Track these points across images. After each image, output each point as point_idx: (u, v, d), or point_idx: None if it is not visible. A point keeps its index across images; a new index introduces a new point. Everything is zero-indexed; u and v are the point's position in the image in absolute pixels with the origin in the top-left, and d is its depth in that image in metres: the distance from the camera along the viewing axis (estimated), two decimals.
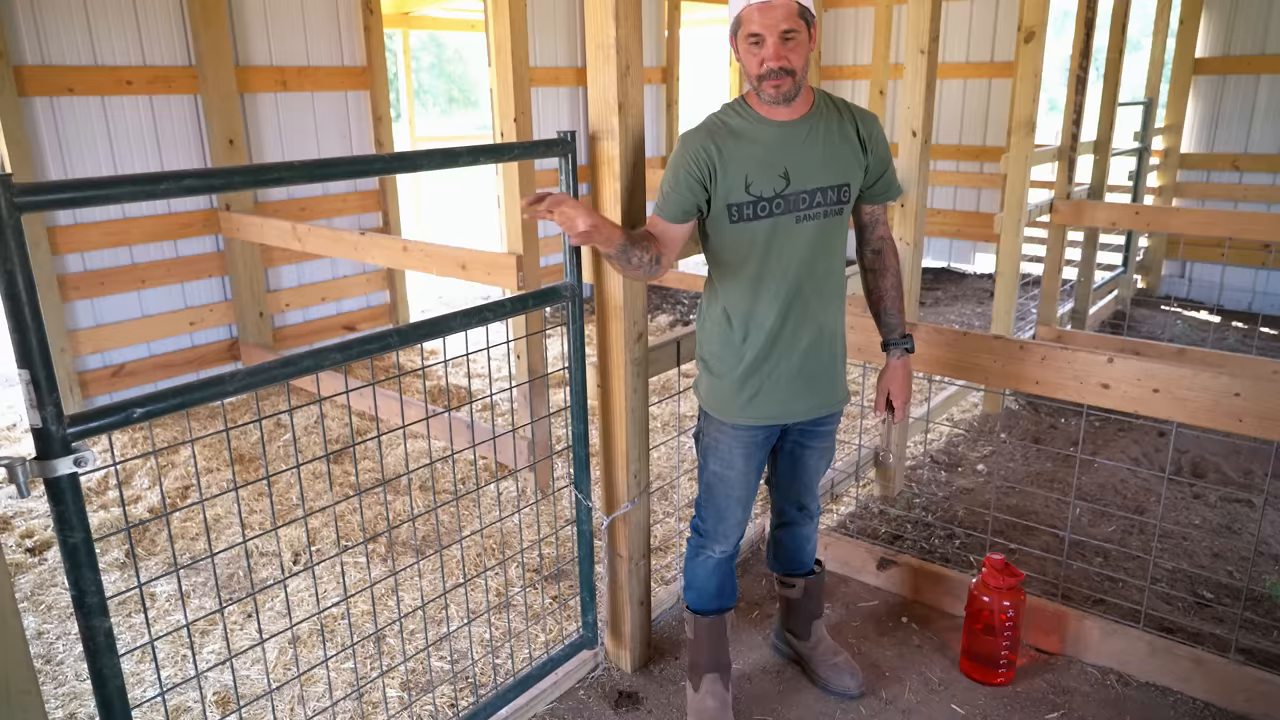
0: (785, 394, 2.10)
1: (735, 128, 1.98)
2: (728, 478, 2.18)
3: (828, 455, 2.32)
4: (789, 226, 1.98)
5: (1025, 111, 4.35)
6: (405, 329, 1.87)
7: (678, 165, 1.98)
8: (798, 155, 1.97)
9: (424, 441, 4.15)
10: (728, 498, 2.20)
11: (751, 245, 2.00)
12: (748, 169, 1.95)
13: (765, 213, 1.97)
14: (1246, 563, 3.11)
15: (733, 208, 1.97)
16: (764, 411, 2.12)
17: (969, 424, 4.44)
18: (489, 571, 2.99)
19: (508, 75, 3.46)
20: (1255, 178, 6.53)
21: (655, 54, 7.36)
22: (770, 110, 1.97)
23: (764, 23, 1.82)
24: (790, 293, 2.03)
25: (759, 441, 2.17)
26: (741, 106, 2.01)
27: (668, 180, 2.00)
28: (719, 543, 2.27)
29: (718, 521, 2.24)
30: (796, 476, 2.33)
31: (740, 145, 1.96)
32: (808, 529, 2.45)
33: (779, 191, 1.96)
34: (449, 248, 3.55)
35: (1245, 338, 5.87)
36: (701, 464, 2.23)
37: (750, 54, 1.88)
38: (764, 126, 1.97)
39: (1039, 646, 2.64)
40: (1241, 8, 6.38)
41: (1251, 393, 2.12)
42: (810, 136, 1.98)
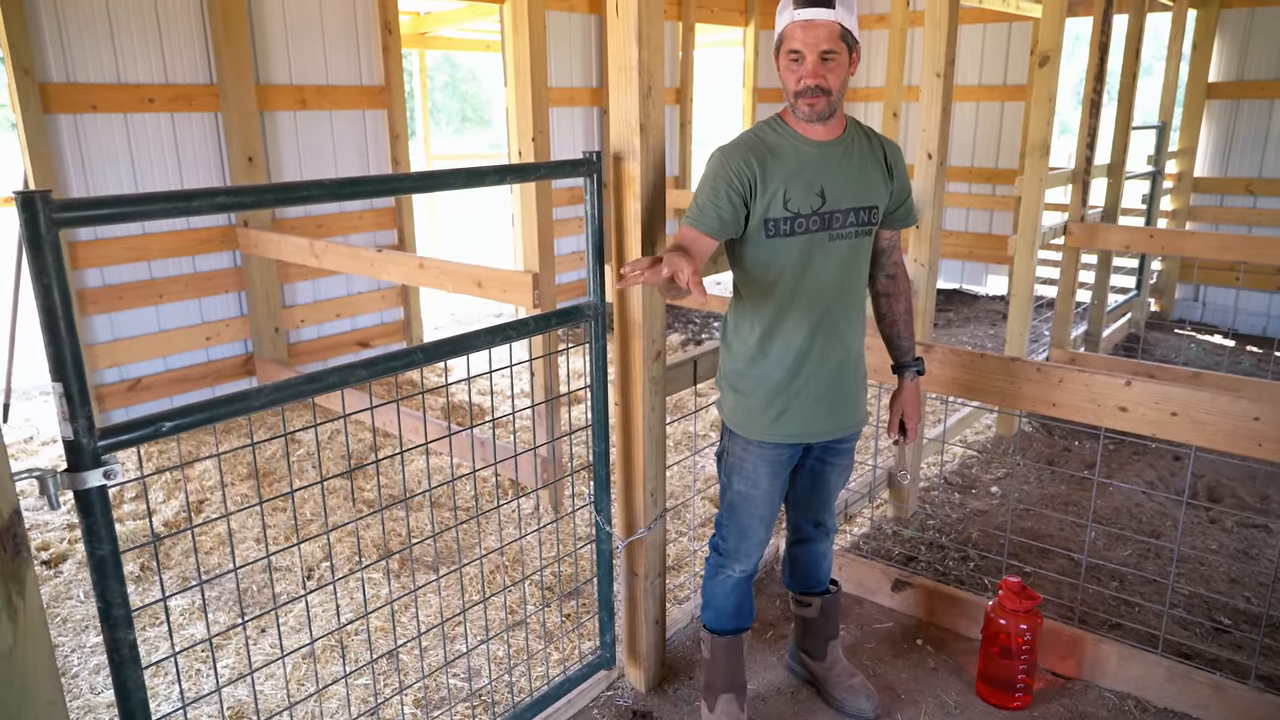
0: (812, 413, 2.11)
1: (773, 144, 1.99)
2: (752, 496, 2.18)
3: (847, 472, 2.34)
4: (823, 244, 2.01)
5: (1040, 135, 4.36)
6: (429, 346, 1.88)
7: (718, 178, 1.96)
8: (833, 175, 2.00)
9: (440, 458, 4.16)
10: (751, 516, 2.20)
11: (786, 261, 2.01)
12: (786, 185, 1.96)
13: (802, 229, 1.99)
14: (1265, 589, 3.08)
15: (769, 223, 1.98)
16: (791, 430, 2.12)
17: (982, 446, 4.43)
18: (505, 590, 2.99)
19: (526, 95, 3.49)
20: (1269, 202, 6.53)
21: (670, 75, 7.41)
22: (807, 129, 2.00)
23: (805, 40, 1.86)
24: (820, 311, 2.05)
25: (784, 460, 2.17)
26: (779, 124, 2.03)
27: (705, 193, 1.98)
28: (740, 562, 2.26)
29: (740, 540, 2.23)
30: (816, 493, 2.33)
31: (779, 161, 1.97)
32: (824, 546, 2.44)
33: (815, 209, 1.98)
34: (465, 265, 3.57)
35: (1260, 362, 5.85)
36: (725, 483, 2.23)
37: (790, 70, 1.91)
38: (801, 144, 1.99)
39: (1056, 671, 2.62)
40: (1255, 33, 6.41)
41: (1271, 417, 2.11)
42: (845, 157, 2.02)
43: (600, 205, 2.19)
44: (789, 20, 1.87)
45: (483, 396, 5.04)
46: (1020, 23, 7.25)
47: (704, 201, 1.97)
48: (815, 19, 1.84)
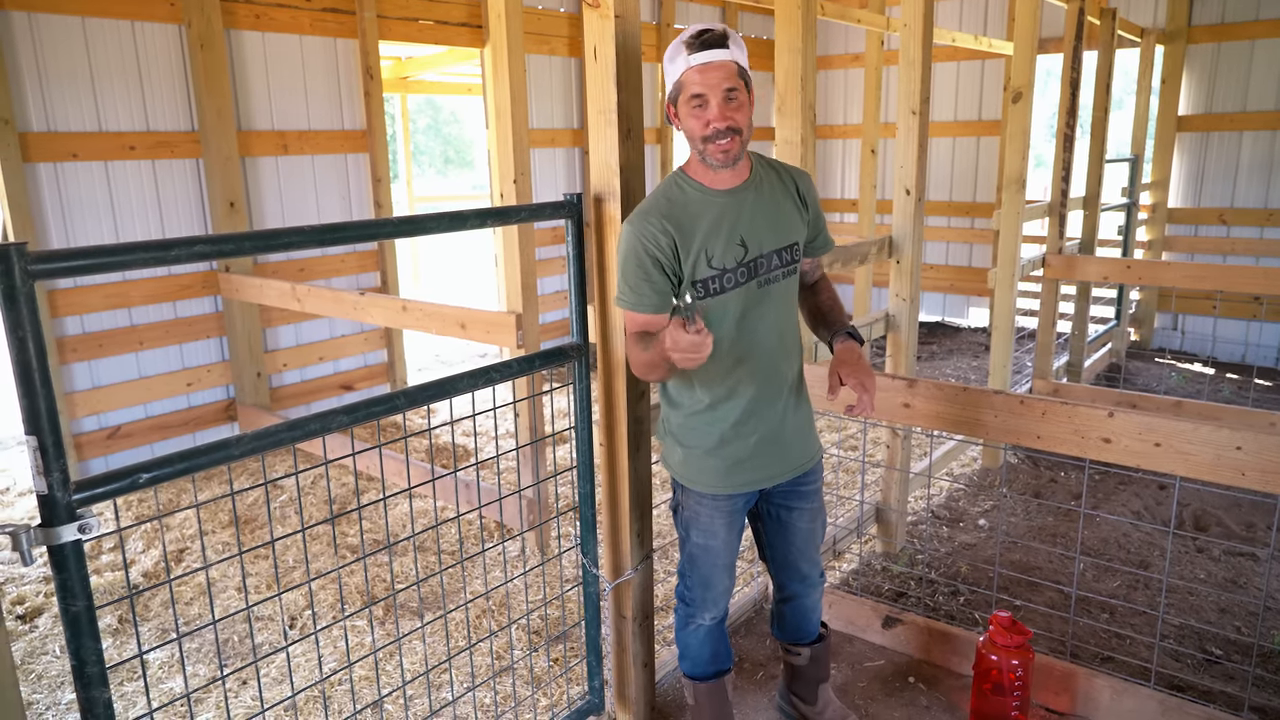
0: (764, 459, 2.08)
1: (683, 204, 1.93)
2: (711, 547, 2.14)
3: (819, 517, 2.25)
4: (754, 293, 1.97)
5: (1015, 169, 4.43)
6: (412, 390, 1.87)
7: (640, 255, 1.89)
8: (750, 221, 1.95)
9: (424, 502, 4.12)
10: (713, 566, 2.16)
11: (722, 318, 1.96)
12: (706, 243, 1.91)
13: (731, 284, 1.95)
14: (1254, 618, 3.08)
15: (698, 284, 1.93)
16: (743, 479, 2.08)
17: (969, 478, 4.43)
18: (491, 636, 2.95)
19: (508, 138, 3.52)
20: (1242, 231, 6.64)
21: (651, 115, 7.50)
22: (713, 179, 1.94)
23: (705, 83, 1.80)
24: (763, 357, 2.01)
25: (739, 508, 2.14)
26: (684, 180, 1.97)
27: (633, 275, 1.90)
28: (708, 610, 2.22)
29: (705, 590, 2.20)
30: (790, 542, 2.24)
31: (693, 220, 1.92)
32: (811, 599, 2.35)
33: (740, 260, 1.94)
34: (448, 307, 3.57)
35: (1240, 389, 5.91)
36: (683, 535, 2.18)
37: (694, 116, 1.84)
38: (712, 197, 1.94)
39: (1049, 706, 2.60)
40: (1221, 67, 6.56)
41: (1253, 446, 2.12)
42: (757, 200, 1.98)
43: (581, 246, 2.20)
44: (685, 66, 1.81)
45: (467, 438, 5.00)
46: (993, 60, 7.41)
47: (635, 282, 1.90)
48: (713, 60, 1.80)
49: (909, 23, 3.32)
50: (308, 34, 4.99)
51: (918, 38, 3.31)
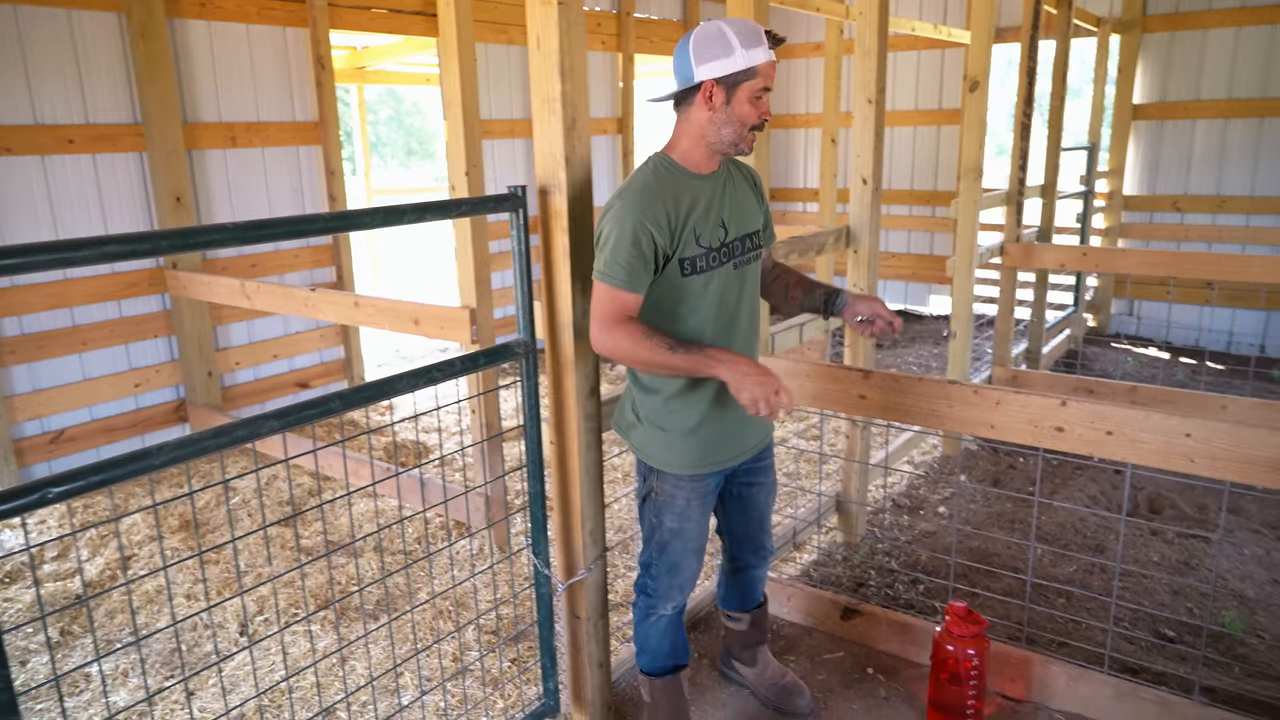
0: (736, 435, 2.17)
1: (674, 185, 1.99)
2: (685, 531, 2.18)
3: (773, 490, 2.40)
4: (730, 274, 2.07)
5: (973, 158, 4.44)
6: (349, 393, 1.81)
7: (637, 233, 1.90)
8: (727, 206, 2.07)
9: (378, 502, 4.05)
10: (684, 551, 2.20)
11: (702, 296, 2.03)
12: (695, 223, 1.99)
13: (716, 263, 2.04)
14: (1206, 599, 3.12)
15: (685, 262, 1.99)
16: (720, 456, 2.15)
17: (929, 466, 4.45)
18: (447, 637, 2.90)
19: (459, 129, 3.46)
20: (1195, 218, 6.73)
21: (610, 105, 7.44)
22: (696, 165, 2.03)
23: (770, 78, 1.94)
24: (736, 336, 2.11)
25: (712, 489, 2.20)
26: (669, 163, 2.03)
27: (628, 253, 1.90)
28: (672, 600, 2.26)
29: (672, 576, 2.22)
30: (750, 517, 2.35)
31: (684, 201, 1.99)
32: (763, 569, 2.51)
33: (723, 241, 2.04)
34: (402, 302, 3.50)
35: (1194, 373, 5.99)
36: (654, 523, 2.19)
37: (754, 104, 1.94)
38: (696, 181, 2.03)
39: (1006, 693, 2.61)
40: (1175, 56, 6.63)
41: (1201, 434, 2.13)
42: (728, 188, 2.09)
43: (527, 240, 2.15)
44: (765, 58, 1.91)
45: (426, 435, 4.93)
46: (953, 49, 7.43)
47: (629, 261, 1.91)
48: (774, 60, 1.95)
49: (864, 11, 3.30)
50: (255, 22, 4.86)
51: (873, 26, 3.29)
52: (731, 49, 1.90)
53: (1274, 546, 3.50)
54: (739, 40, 1.90)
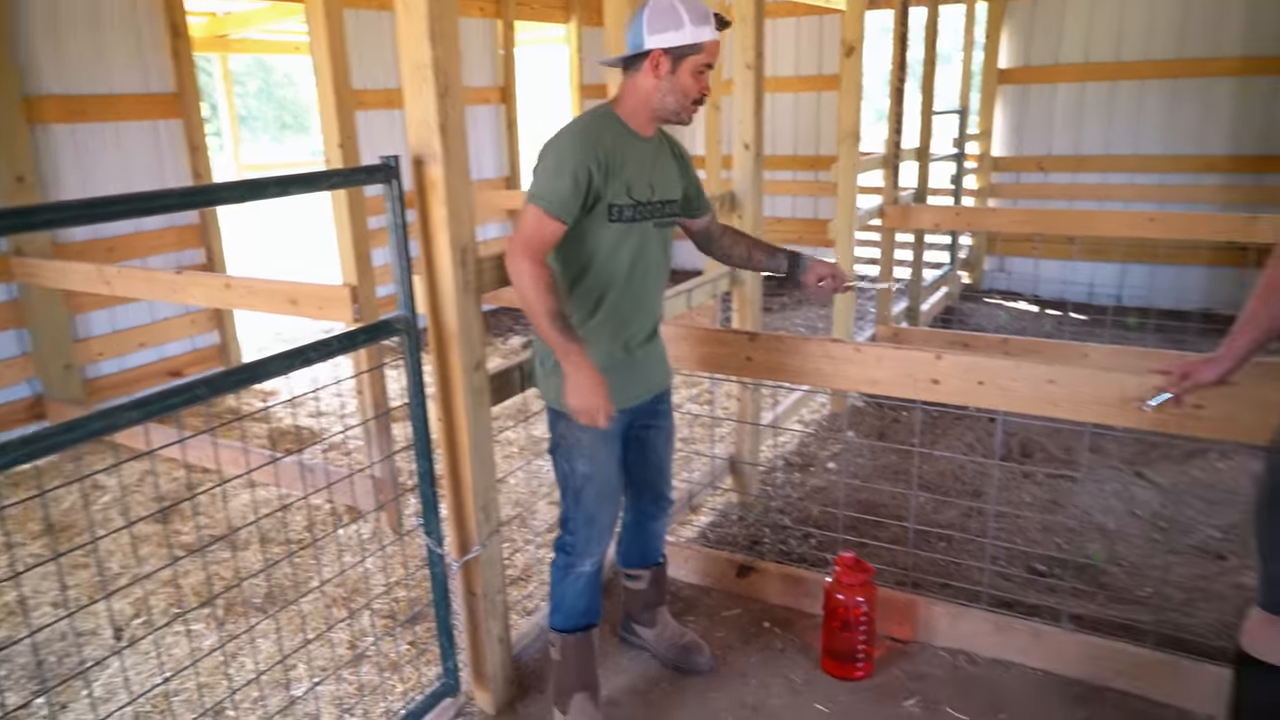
0: (639, 376, 2.28)
1: (616, 137, 2.12)
2: (596, 474, 2.23)
3: (672, 437, 2.50)
4: (650, 231, 2.20)
5: (850, 122, 4.54)
6: (217, 378, 1.72)
7: (576, 165, 2.02)
8: (656, 169, 2.20)
9: (262, 491, 3.89)
10: (599, 497, 2.25)
11: (623, 244, 2.14)
12: (629, 175, 2.11)
13: (642, 216, 2.16)
14: (1073, 534, 3.33)
15: (614, 208, 2.10)
16: (629, 394, 2.24)
17: (818, 424, 4.58)
18: (340, 624, 2.82)
19: (330, 98, 3.32)
20: (1058, 177, 7.10)
21: (492, 74, 7.28)
22: (639, 126, 2.16)
23: (715, 57, 2.09)
24: (647, 288, 2.23)
25: (617, 431, 2.27)
26: (614, 116, 2.16)
27: (565, 180, 2.01)
28: (591, 555, 2.30)
29: (589, 527, 2.27)
30: (649, 461, 2.43)
31: (622, 153, 2.11)
32: (661, 523, 2.58)
33: (649, 199, 2.17)
34: (277, 282, 3.35)
35: (1059, 324, 6.36)
36: (567, 471, 2.25)
37: (697, 80, 2.08)
38: (635, 141, 2.16)
39: (894, 636, 2.72)
40: (1037, 22, 6.94)
41: (1064, 379, 2.26)
42: (659, 155, 2.23)
43: (403, 212, 2.09)
44: (711, 37, 2.05)
45: (311, 419, 4.76)
46: (831, 15, 7.56)
47: (561, 188, 2.01)
48: (718, 40, 2.09)
49: None
50: None
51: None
52: (682, 23, 2.03)
53: (1131, 482, 3.76)
54: (689, 16, 2.03)
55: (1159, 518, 3.45)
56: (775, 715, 2.41)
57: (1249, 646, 1.83)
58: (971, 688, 2.49)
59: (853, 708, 2.43)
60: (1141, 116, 6.69)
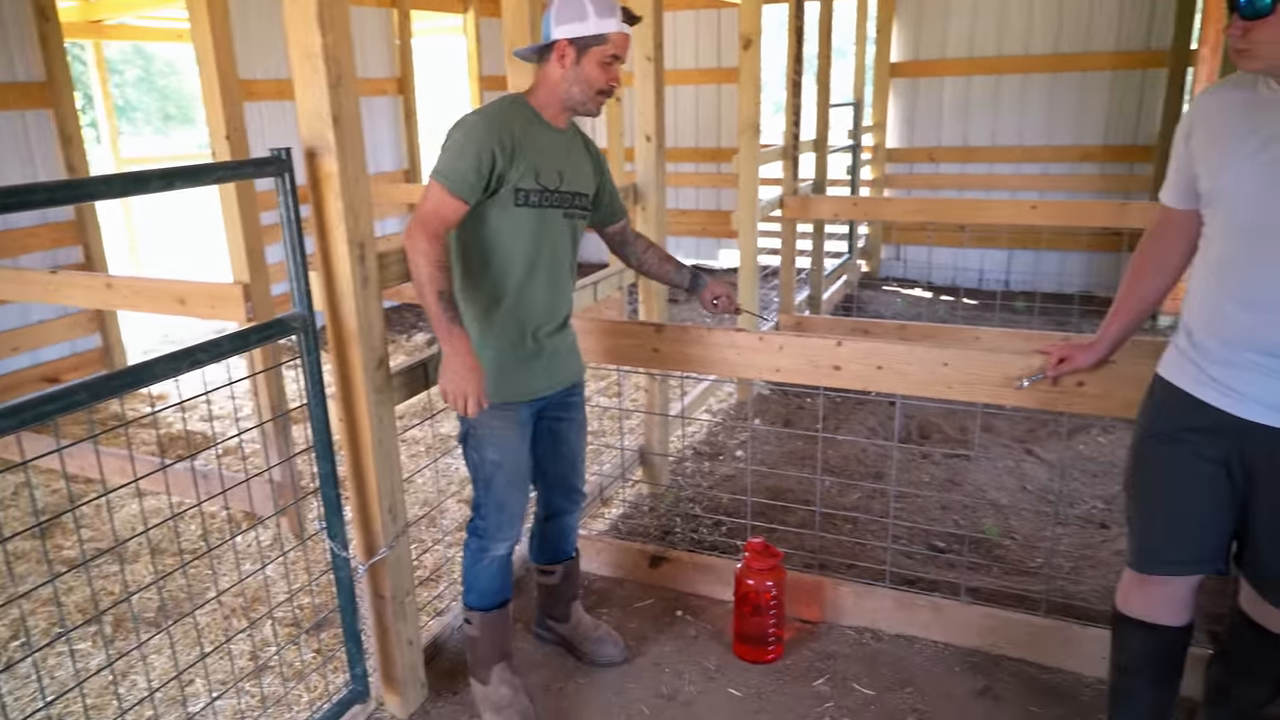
0: (548, 366, 2.27)
1: (525, 122, 2.13)
2: (505, 462, 2.24)
3: (583, 430, 2.49)
4: (557, 219, 2.20)
5: (749, 114, 4.61)
6: (97, 382, 1.63)
7: (480, 144, 2.02)
8: (566, 160, 2.21)
9: (152, 500, 3.71)
10: (509, 485, 2.26)
11: (529, 229, 2.14)
12: (536, 160, 2.12)
13: (548, 203, 2.16)
14: (968, 511, 3.47)
15: (520, 192, 2.10)
16: (536, 385, 2.26)
17: (725, 413, 4.65)
18: (240, 634, 2.71)
19: (214, 88, 3.17)
20: (948, 168, 7.38)
21: (388, 64, 7.09)
22: (550, 116, 2.18)
23: (623, 48, 2.10)
24: (552, 276, 2.22)
25: (526, 420, 2.28)
26: (525, 104, 2.17)
27: (468, 159, 2.02)
28: (504, 539, 2.31)
29: (500, 513, 2.27)
30: (561, 454, 2.44)
31: (530, 138, 2.12)
32: (573, 518, 2.58)
33: (556, 187, 2.17)
34: (163, 281, 3.20)
35: (953, 309, 6.62)
36: (477, 460, 2.25)
37: (603, 70, 2.10)
38: (545, 129, 2.17)
39: (803, 617, 2.79)
40: (924, 17, 7.18)
41: (957, 362, 2.35)
42: (571, 148, 2.25)
43: (296, 206, 2.01)
44: (617, 29, 2.07)
45: (204, 423, 4.56)
46: (729, 9, 7.65)
47: (464, 167, 2.02)
48: (628, 33, 2.11)
49: None
50: None
51: None
52: (586, 15, 2.05)
53: (1022, 459, 3.95)
54: (594, 8, 2.05)
55: (1047, 491, 3.63)
56: (690, 702, 2.44)
57: (1122, 606, 1.95)
58: (878, 664, 2.57)
59: (765, 690, 2.48)
60: (1024, 109, 7.01)
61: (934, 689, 2.46)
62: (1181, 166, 1.80)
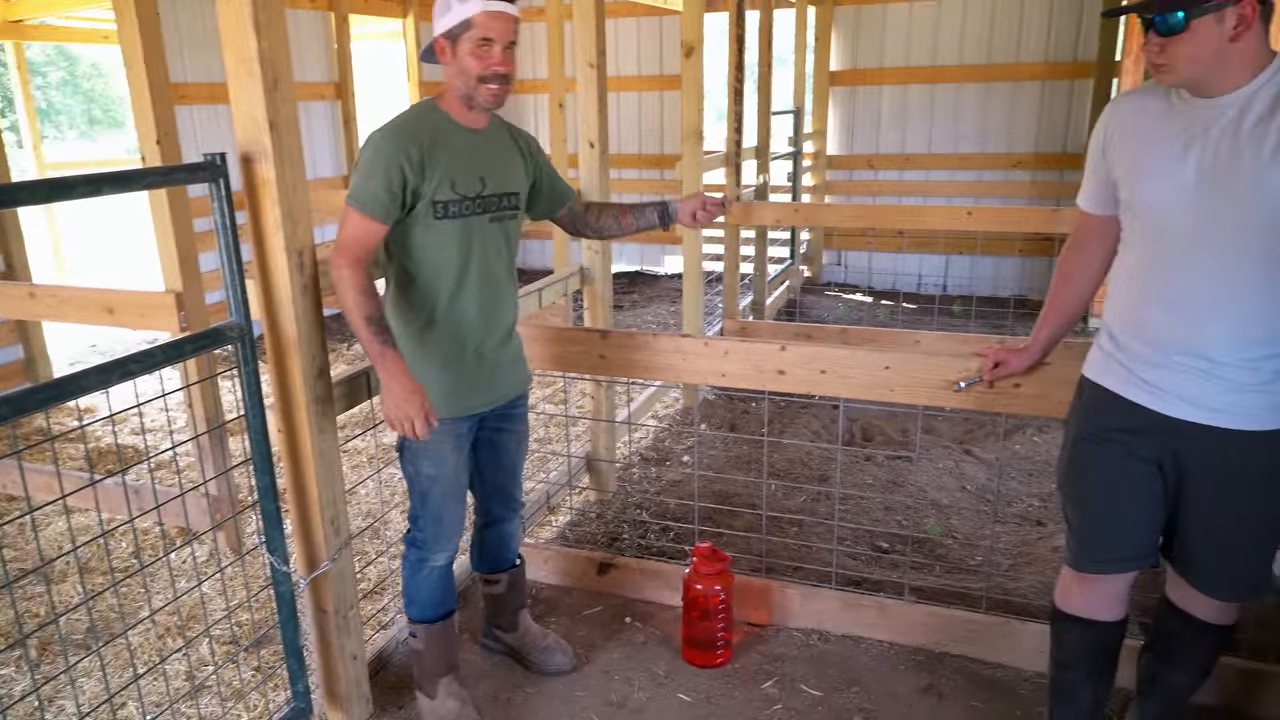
0: (488, 381, 2.22)
1: (435, 129, 2.06)
2: (442, 476, 2.20)
3: (524, 440, 2.46)
4: (484, 226, 2.13)
5: (692, 121, 4.64)
6: (20, 396, 1.56)
7: (388, 163, 1.97)
8: (488, 161, 2.14)
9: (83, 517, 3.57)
10: (445, 497, 2.23)
11: (454, 242, 2.09)
12: (452, 170, 2.05)
13: (469, 211, 2.10)
14: (911, 511, 3.54)
15: (438, 205, 2.04)
16: (471, 401, 2.20)
17: (672, 419, 4.66)
18: (175, 654, 2.63)
19: (144, 91, 3.07)
20: (887, 175, 7.52)
21: (326, 69, 6.97)
22: (465, 117, 2.10)
23: (495, 29, 1.98)
24: (485, 287, 2.16)
25: (464, 433, 2.23)
26: (435, 111, 2.10)
27: (377, 179, 1.97)
28: (441, 549, 2.29)
29: (437, 526, 2.25)
30: (500, 464, 2.40)
31: (442, 146, 2.04)
32: (512, 525, 2.54)
33: (478, 193, 2.10)
34: (91, 290, 3.10)
35: (892, 313, 6.74)
36: (412, 473, 2.22)
37: (477, 56, 1.99)
38: (460, 132, 2.09)
39: (751, 621, 2.81)
40: (862, 27, 7.31)
41: (898, 365, 2.39)
42: (494, 146, 2.18)
43: (231, 213, 1.96)
44: (479, 9, 1.95)
45: (136, 437, 4.42)
46: (670, 16, 7.68)
47: (374, 187, 1.97)
48: (505, 10, 1.98)
49: None
50: None
51: None
52: (449, 5, 1.98)
53: (961, 459, 4.04)
54: None
55: (986, 491, 3.72)
56: (641, 709, 2.44)
57: (1061, 603, 2.01)
58: (825, 664, 2.60)
59: (715, 694, 2.49)
60: (959, 117, 7.19)
61: (880, 688, 2.50)
62: (1099, 173, 1.86)
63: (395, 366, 1.97)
